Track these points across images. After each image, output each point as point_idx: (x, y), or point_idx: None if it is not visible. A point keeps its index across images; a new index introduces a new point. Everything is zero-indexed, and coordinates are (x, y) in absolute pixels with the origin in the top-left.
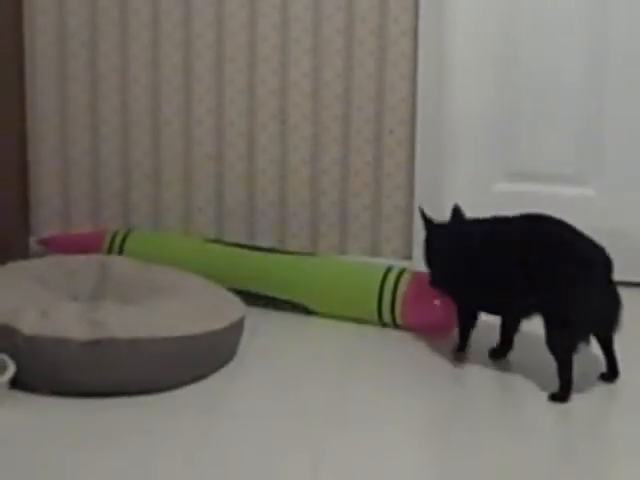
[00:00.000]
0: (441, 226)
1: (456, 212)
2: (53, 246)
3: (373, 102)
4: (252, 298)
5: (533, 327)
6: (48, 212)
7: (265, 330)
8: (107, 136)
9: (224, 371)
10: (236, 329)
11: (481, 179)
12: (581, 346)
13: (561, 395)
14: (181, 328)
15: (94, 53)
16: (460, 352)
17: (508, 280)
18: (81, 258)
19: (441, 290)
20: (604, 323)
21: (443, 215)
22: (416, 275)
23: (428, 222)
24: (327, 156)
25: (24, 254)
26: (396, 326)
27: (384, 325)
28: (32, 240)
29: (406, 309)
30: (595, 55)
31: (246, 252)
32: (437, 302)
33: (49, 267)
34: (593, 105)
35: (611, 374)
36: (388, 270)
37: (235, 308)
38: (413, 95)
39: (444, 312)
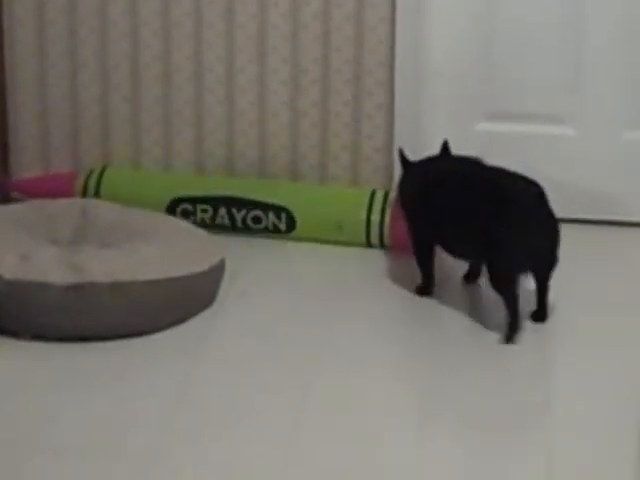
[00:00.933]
0: (411, 165)
1: (444, 147)
2: (23, 190)
3: (352, 43)
4: (235, 207)
5: None
6: (28, 156)
7: (245, 271)
8: (86, 80)
9: (205, 314)
10: (216, 271)
11: (461, 119)
12: (520, 280)
13: (512, 333)
14: (162, 271)
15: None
16: (424, 293)
17: (446, 219)
18: (61, 202)
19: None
20: (538, 259)
21: (423, 155)
22: None
23: (404, 162)
24: (306, 98)
25: (5, 198)
26: (382, 246)
27: (369, 245)
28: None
29: (395, 227)
30: None
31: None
32: None
33: (29, 211)
34: (573, 44)
35: (540, 314)
36: (374, 191)
37: (215, 251)
38: (392, 36)
39: None
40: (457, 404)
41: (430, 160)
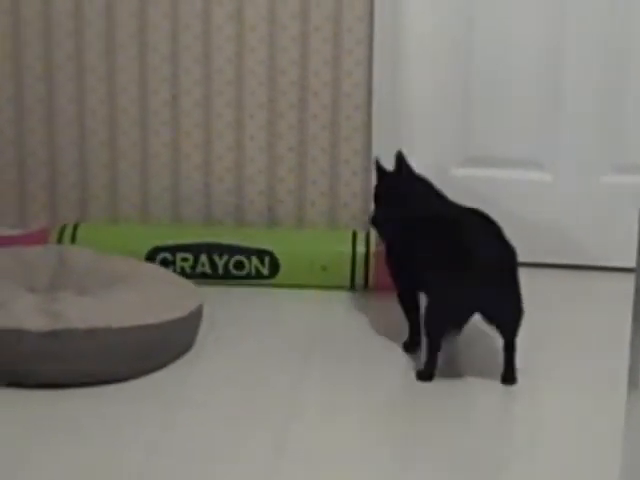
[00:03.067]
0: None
1: (399, 159)
2: None
3: (329, 88)
4: (217, 253)
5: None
6: (3, 204)
7: (224, 318)
8: (63, 127)
9: (183, 361)
10: (194, 318)
11: (438, 164)
12: (451, 332)
13: (424, 373)
14: (138, 318)
15: (48, 44)
16: (410, 351)
17: (411, 262)
18: (38, 249)
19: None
20: (491, 319)
21: None
22: None
23: (380, 172)
24: (283, 143)
25: None
26: (366, 286)
27: (353, 285)
28: None
29: (379, 265)
30: (552, 39)
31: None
32: None
33: (5, 258)
34: (550, 89)
35: (509, 376)
36: (355, 231)
37: (193, 297)
38: (369, 81)
39: None
40: (434, 451)
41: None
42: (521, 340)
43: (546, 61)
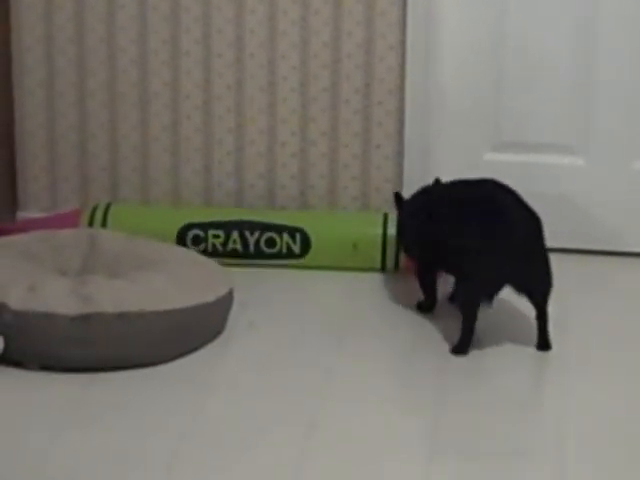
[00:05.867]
0: (405, 201)
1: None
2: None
3: (361, 72)
4: (248, 229)
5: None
6: (36, 187)
7: (255, 301)
8: (94, 110)
9: (214, 344)
10: (225, 302)
11: (470, 149)
12: (483, 304)
13: (460, 347)
14: (169, 302)
15: (80, 27)
16: (423, 309)
17: (435, 239)
18: (69, 232)
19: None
20: (522, 288)
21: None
22: None
23: (399, 201)
24: (315, 127)
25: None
26: (397, 267)
27: (383, 266)
28: (19, 216)
29: None
30: (584, 22)
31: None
32: None
33: (36, 242)
34: (582, 74)
35: (543, 342)
36: (386, 213)
37: (224, 281)
38: (402, 65)
39: None
40: (463, 437)
41: (424, 189)
42: (552, 325)
43: (578, 46)
